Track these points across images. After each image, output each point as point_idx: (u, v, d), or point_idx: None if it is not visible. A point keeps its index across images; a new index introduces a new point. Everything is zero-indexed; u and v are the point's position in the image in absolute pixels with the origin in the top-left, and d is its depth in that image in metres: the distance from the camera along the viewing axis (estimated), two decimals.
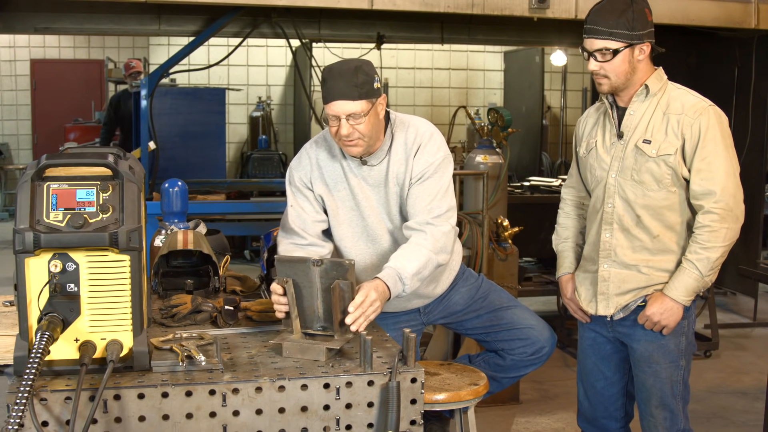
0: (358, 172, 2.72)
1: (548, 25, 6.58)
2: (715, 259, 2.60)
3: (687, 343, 2.75)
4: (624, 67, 2.61)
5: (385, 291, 2.43)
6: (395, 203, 2.73)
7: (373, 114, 2.57)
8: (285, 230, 2.78)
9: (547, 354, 2.94)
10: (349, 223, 2.76)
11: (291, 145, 11.16)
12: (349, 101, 2.51)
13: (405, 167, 2.69)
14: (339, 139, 2.60)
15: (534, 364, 2.95)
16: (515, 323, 2.92)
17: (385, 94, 2.65)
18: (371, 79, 2.55)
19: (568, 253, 2.99)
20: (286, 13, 6.48)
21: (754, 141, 6.33)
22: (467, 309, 2.96)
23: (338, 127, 2.55)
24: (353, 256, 2.76)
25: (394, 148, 2.70)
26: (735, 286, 6.89)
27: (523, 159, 10.69)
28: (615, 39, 2.57)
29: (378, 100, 2.59)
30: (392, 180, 2.70)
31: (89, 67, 12.65)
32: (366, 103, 2.53)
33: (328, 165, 2.74)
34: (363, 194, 2.72)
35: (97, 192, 1.97)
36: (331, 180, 2.74)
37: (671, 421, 2.75)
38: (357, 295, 2.29)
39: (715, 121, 2.60)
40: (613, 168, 2.71)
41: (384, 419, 2.05)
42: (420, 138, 2.69)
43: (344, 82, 2.51)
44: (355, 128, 2.54)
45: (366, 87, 2.53)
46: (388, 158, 2.70)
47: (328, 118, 2.57)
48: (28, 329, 1.92)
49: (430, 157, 2.67)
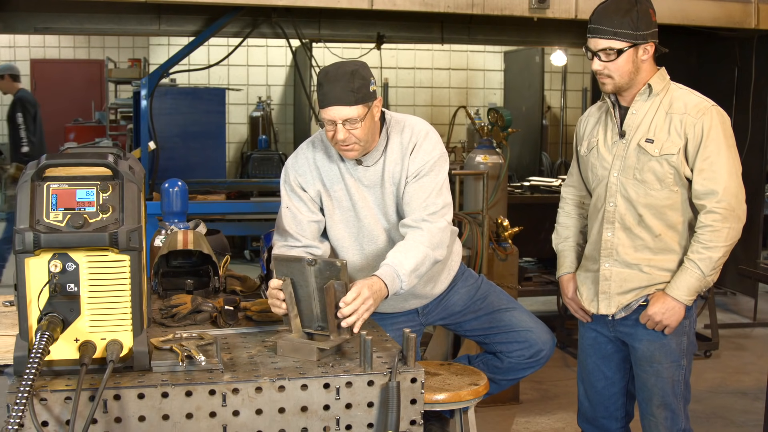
0: (354, 173, 2.72)
1: (548, 25, 6.58)
2: (717, 258, 2.60)
3: (688, 343, 2.75)
4: (628, 67, 2.61)
5: (382, 288, 2.41)
6: (391, 203, 2.73)
7: (369, 118, 2.56)
8: (279, 232, 2.77)
9: (545, 357, 2.94)
10: (345, 223, 2.76)
11: (291, 145, 11.15)
12: (346, 107, 2.51)
13: (401, 166, 2.69)
14: (335, 144, 2.60)
15: (532, 366, 2.95)
16: (513, 326, 2.91)
17: (380, 97, 2.64)
18: (367, 83, 2.54)
19: (568, 253, 2.99)
20: (286, 13, 6.48)
21: (754, 141, 6.33)
22: (466, 310, 2.96)
23: (334, 132, 2.54)
24: (350, 256, 2.76)
25: (389, 148, 2.70)
26: (735, 286, 6.89)
27: (523, 159, 10.70)
28: (619, 39, 2.57)
29: (374, 104, 2.58)
30: (388, 180, 2.70)
31: (89, 67, 12.66)
32: (362, 107, 2.53)
33: (325, 165, 2.74)
34: (359, 195, 2.72)
35: (97, 192, 1.97)
36: (328, 180, 2.74)
37: (672, 421, 2.75)
38: (349, 293, 2.26)
39: (717, 121, 2.60)
40: (615, 167, 2.71)
41: (384, 419, 2.05)
42: (415, 137, 2.69)
43: (340, 87, 2.50)
44: (351, 133, 2.54)
45: (362, 92, 2.52)
46: (384, 158, 2.70)
47: (324, 122, 2.56)
48: (28, 329, 1.92)
49: (425, 156, 2.67)
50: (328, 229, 2.79)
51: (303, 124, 10.43)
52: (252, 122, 10.94)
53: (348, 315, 2.25)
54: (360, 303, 2.27)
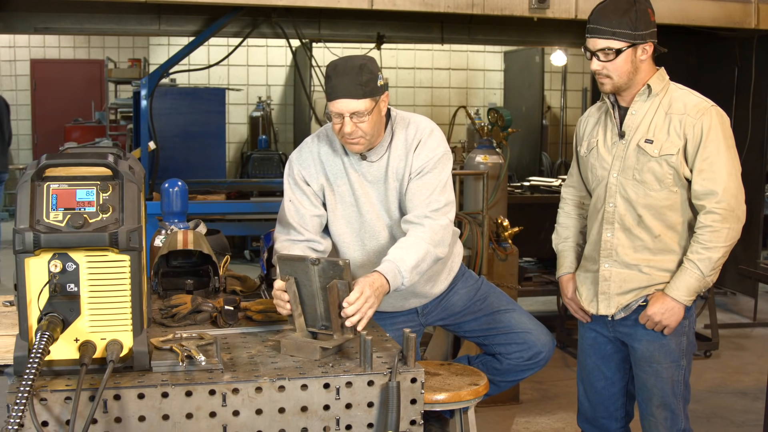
0: (358, 168, 2.72)
1: (548, 25, 6.58)
2: (717, 259, 2.60)
3: (688, 343, 2.75)
4: (626, 67, 2.61)
5: (384, 284, 2.41)
6: (394, 199, 2.73)
7: (376, 112, 2.57)
8: (282, 225, 2.77)
9: (544, 359, 2.93)
10: (347, 219, 2.76)
11: (291, 145, 11.15)
12: (354, 100, 2.52)
13: (405, 163, 2.69)
14: (342, 137, 2.61)
15: (531, 368, 2.94)
16: (512, 327, 2.91)
17: (388, 91, 2.65)
18: (375, 77, 2.55)
19: (568, 253, 2.99)
20: (286, 13, 6.48)
21: (754, 141, 6.33)
22: (465, 311, 2.96)
23: (341, 125, 2.56)
24: (351, 252, 2.76)
25: (394, 145, 2.70)
26: (735, 286, 6.89)
27: (523, 159, 10.70)
28: (618, 39, 2.57)
29: (381, 98, 2.59)
30: (392, 176, 2.70)
31: (89, 67, 12.65)
32: (370, 101, 2.54)
33: (329, 159, 2.74)
34: (362, 190, 2.72)
35: (97, 192, 1.97)
36: (331, 174, 2.74)
37: (672, 421, 2.75)
38: (351, 293, 2.26)
39: (717, 121, 2.60)
40: (615, 167, 2.71)
41: (384, 419, 2.05)
42: (420, 134, 2.70)
43: (349, 80, 2.51)
44: (358, 126, 2.55)
45: (370, 85, 2.53)
46: (388, 154, 2.70)
47: (332, 115, 2.57)
48: (28, 329, 1.92)
49: (429, 153, 2.68)
50: (329, 224, 2.79)
51: (303, 124, 10.43)
52: (252, 122, 10.94)
53: (352, 315, 2.25)
54: (363, 302, 2.27)
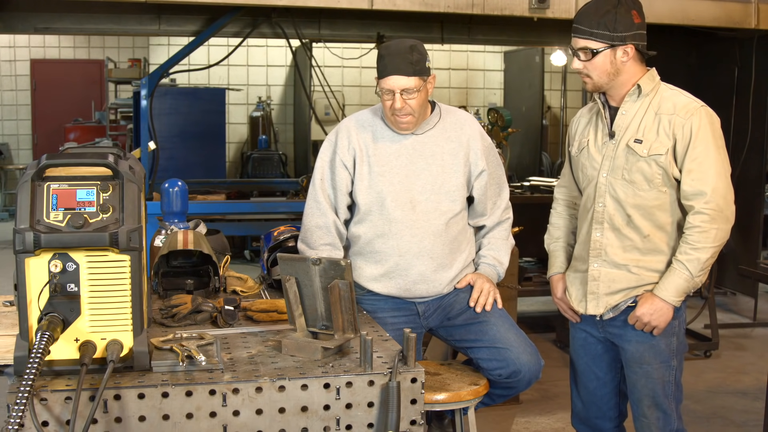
0: (407, 139, 2.86)
1: (548, 25, 6.59)
2: (705, 259, 2.59)
3: (678, 343, 2.74)
4: (605, 67, 2.61)
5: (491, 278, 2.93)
6: (439, 174, 2.84)
7: (424, 91, 2.76)
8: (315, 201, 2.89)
9: (524, 380, 2.79)
10: (390, 180, 2.84)
11: (291, 145, 11.16)
12: (404, 77, 2.70)
13: (457, 147, 2.87)
14: (392, 113, 2.77)
15: (511, 387, 2.84)
16: (496, 341, 2.80)
17: (434, 74, 2.83)
18: (424, 58, 2.74)
19: (559, 253, 2.99)
20: (286, 13, 6.49)
21: (754, 141, 6.33)
22: (460, 316, 2.91)
23: (392, 101, 2.73)
24: (393, 214, 2.82)
25: (440, 125, 2.88)
26: (735, 286, 6.89)
27: (523, 159, 10.70)
28: (595, 39, 2.58)
29: (428, 79, 2.77)
30: (438, 152, 2.85)
31: (89, 67, 12.66)
32: (418, 80, 2.72)
33: (369, 142, 2.87)
34: (411, 160, 2.85)
35: (97, 192, 1.97)
36: (382, 140, 2.87)
37: (664, 422, 2.74)
38: (474, 290, 2.85)
39: (706, 121, 2.60)
40: (604, 167, 2.71)
41: (384, 419, 2.05)
42: (472, 123, 2.94)
43: (400, 58, 2.70)
44: (407, 103, 2.73)
45: (420, 65, 2.72)
46: (435, 132, 2.87)
47: (383, 92, 2.75)
48: (28, 329, 1.92)
49: (492, 148, 2.98)
50: (374, 186, 2.84)
51: (303, 124, 10.42)
52: (252, 122, 10.94)
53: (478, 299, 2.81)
54: (487, 293, 2.85)
